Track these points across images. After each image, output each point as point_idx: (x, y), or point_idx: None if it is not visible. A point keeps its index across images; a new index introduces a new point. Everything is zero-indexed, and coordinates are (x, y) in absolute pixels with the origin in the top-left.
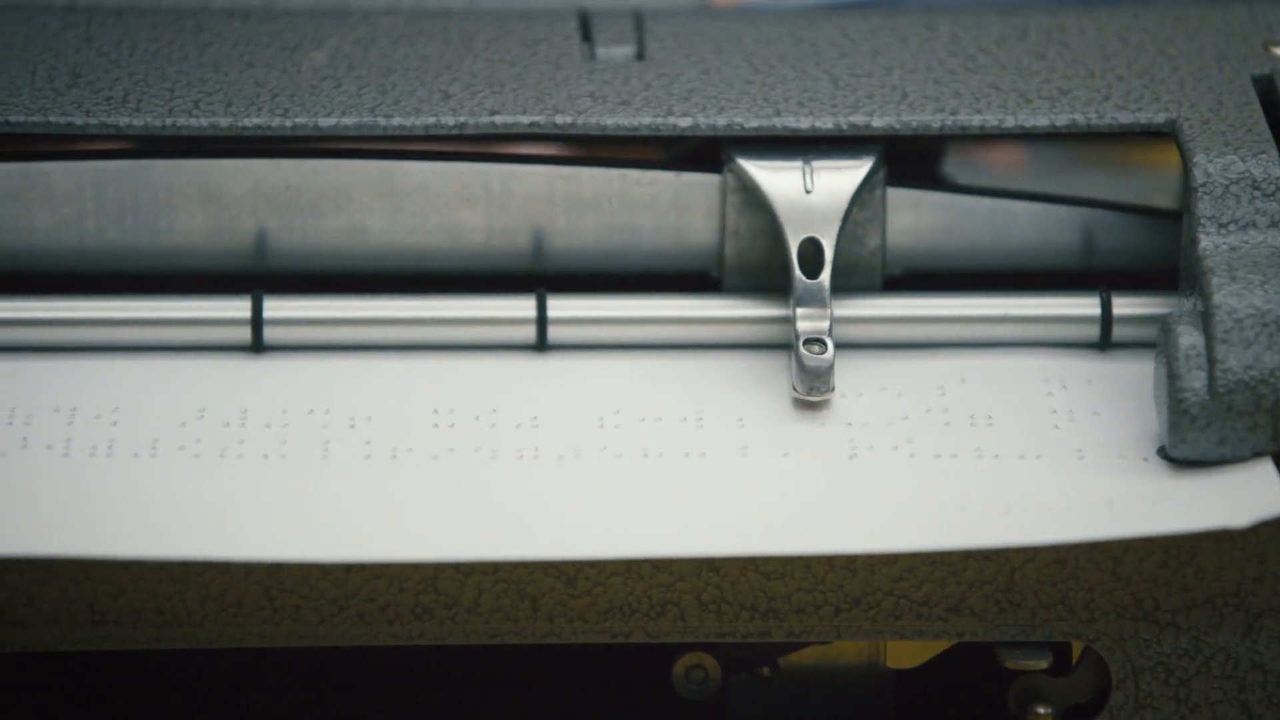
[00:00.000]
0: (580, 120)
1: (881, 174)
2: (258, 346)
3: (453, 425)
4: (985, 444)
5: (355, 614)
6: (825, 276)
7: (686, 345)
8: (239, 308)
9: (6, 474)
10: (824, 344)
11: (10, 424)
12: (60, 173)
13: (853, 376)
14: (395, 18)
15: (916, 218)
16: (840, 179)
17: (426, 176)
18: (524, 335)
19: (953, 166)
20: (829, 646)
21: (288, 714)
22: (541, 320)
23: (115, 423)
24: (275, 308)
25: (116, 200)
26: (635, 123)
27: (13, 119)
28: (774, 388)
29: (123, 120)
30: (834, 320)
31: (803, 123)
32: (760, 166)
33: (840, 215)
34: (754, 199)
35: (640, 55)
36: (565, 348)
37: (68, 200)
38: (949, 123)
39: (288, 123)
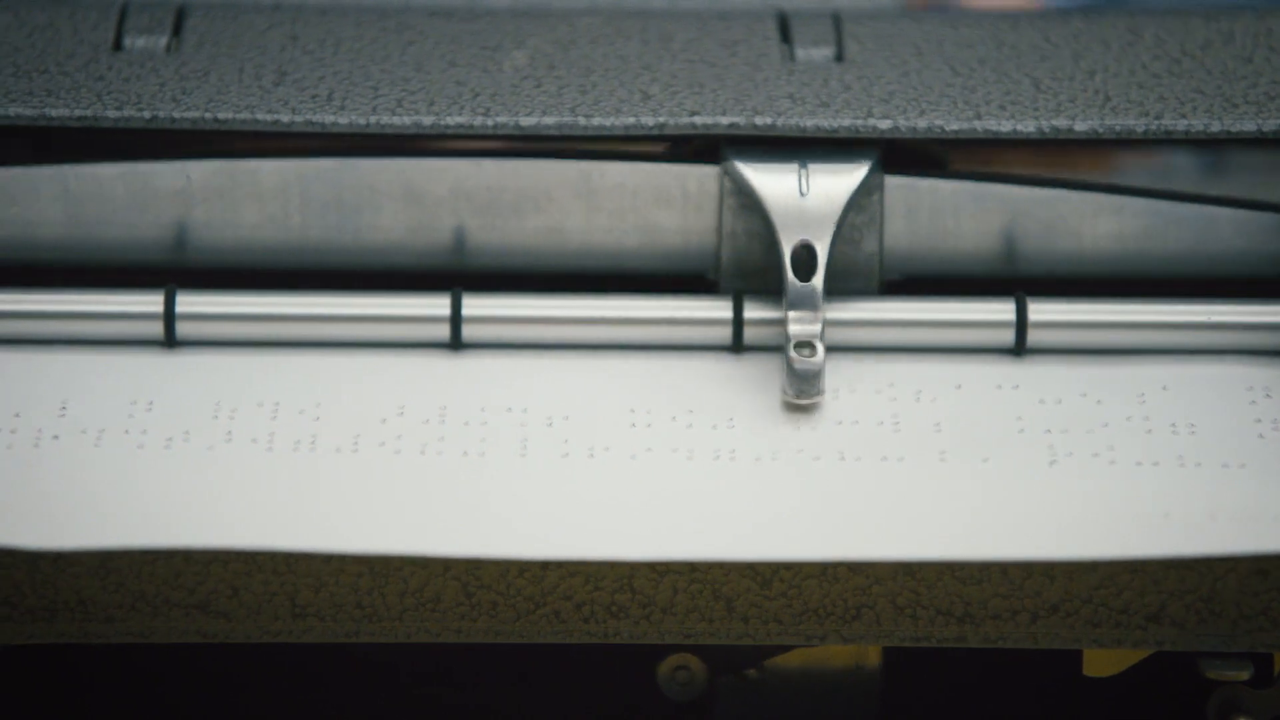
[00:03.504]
0: (780, 122)
1: (879, 177)
2: (456, 344)
3: (649, 425)
4: (1187, 452)
5: (551, 611)
6: (818, 279)
7: (907, 349)
8: (439, 305)
9: (212, 467)
10: (814, 347)
11: (216, 418)
12: (266, 170)
13: (1051, 382)
14: (595, 18)
15: (1121, 222)
16: (838, 182)
17: (624, 177)
18: (720, 336)
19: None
20: (817, 649)
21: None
22: (738, 322)
23: (318, 418)
24: (474, 306)
25: (320, 198)
26: (835, 125)
27: (221, 116)
28: (971, 393)
29: (328, 118)
30: (828, 323)
31: (1004, 126)
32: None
33: (833, 218)
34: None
35: (839, 57)
36: (759, 349)
37: (274, 197)
38: (1153, 127)
39: (489, 122)
